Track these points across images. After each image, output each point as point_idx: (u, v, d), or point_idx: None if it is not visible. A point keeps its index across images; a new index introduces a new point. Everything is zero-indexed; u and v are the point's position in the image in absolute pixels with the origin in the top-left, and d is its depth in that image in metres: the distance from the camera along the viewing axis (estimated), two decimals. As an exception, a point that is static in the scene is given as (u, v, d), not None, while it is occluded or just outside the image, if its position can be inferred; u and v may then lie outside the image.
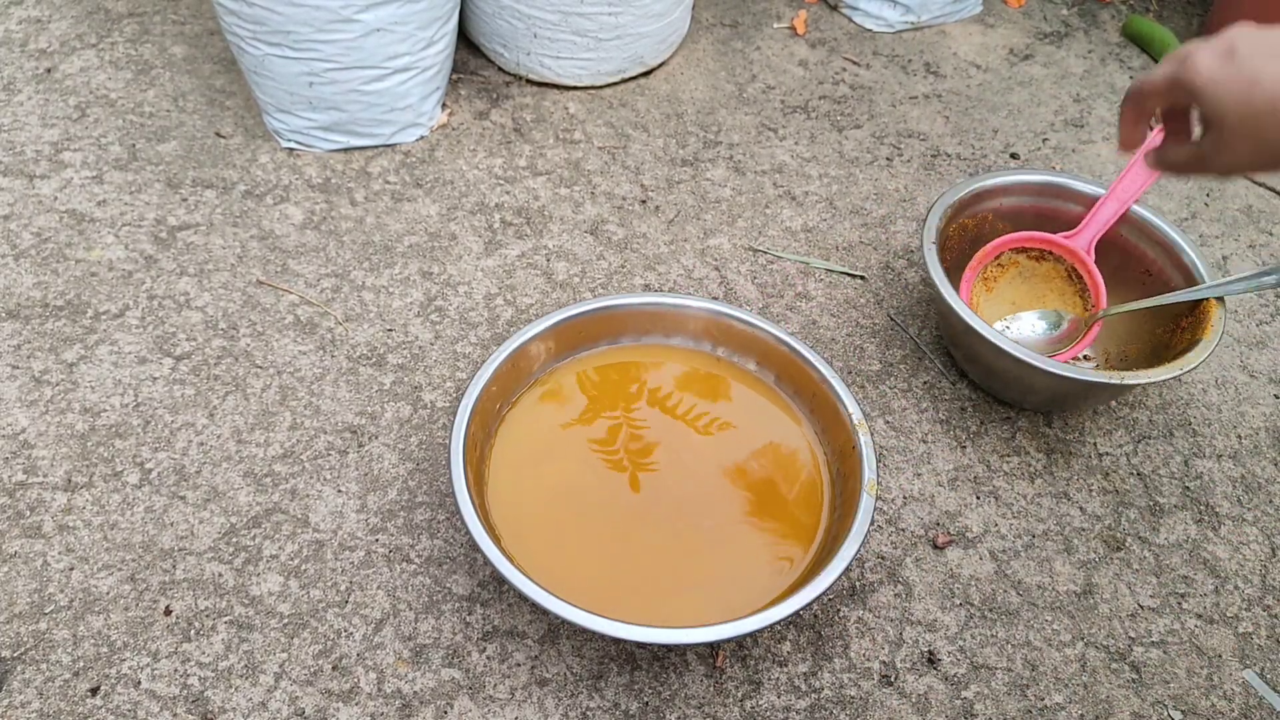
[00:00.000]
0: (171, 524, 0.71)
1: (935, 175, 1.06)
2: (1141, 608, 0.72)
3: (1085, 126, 1.14)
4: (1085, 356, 0.86)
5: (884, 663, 0.67)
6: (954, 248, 0.85)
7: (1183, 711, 0.67)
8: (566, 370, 0.74)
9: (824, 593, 0.60)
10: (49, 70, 1.07)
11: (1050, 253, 0.84)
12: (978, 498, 0.78)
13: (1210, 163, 0.48)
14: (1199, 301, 0.77)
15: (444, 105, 1.06)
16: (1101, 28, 1.31)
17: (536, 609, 0.68)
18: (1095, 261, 0.81)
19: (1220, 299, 0.76)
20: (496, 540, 0.60)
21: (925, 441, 0.81)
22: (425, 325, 0.86)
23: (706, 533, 0.66)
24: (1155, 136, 0.56)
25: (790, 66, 1.18)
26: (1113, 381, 0.72)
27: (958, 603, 0.71)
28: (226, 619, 0.66)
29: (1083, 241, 0.82)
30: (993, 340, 0.72)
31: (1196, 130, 0.50)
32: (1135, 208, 0.82)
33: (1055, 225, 0.84)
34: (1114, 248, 0.84)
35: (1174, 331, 0.80)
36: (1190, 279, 0.80)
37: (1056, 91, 1.19)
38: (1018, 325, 0.83)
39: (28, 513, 0.71)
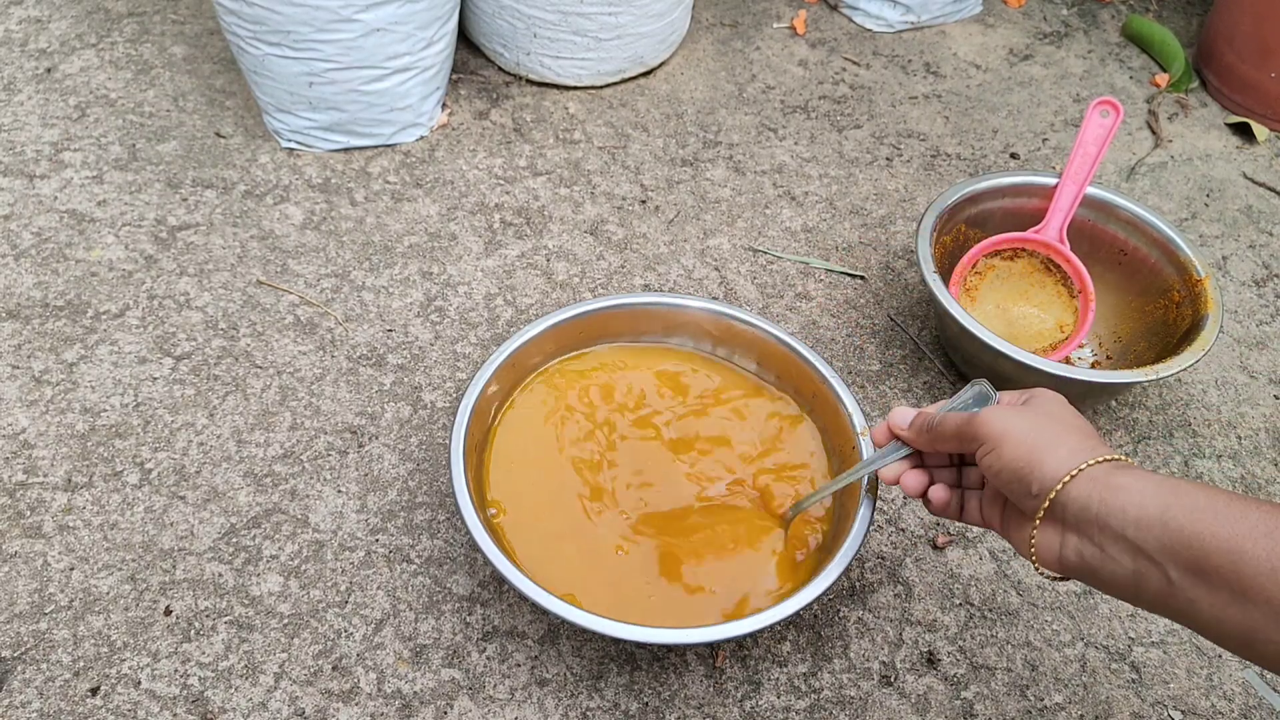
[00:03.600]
0: (171, 524, 0.71)
1: (935, 175, 1.06)
2: (1141, 608, 0.72)
3: (1085, 126, 1.14)
4: (1081, 344, 0.86)
5: (884, 663, 0.67)
6: (942, 269, 0.85)
7: (1183, 711, 0.67)
8: (566, 370, 0.74)
9: (824, 593, 0.60)
10: (49, 70, 1.07)
11: (1023, 249, 0.84)
12: (978, 498, 0.78)
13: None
14: (1189, 273, 0.80)
15: (444, 105, 1.06)
16: (1101, 28, 1.31)
17: (536, 609, 0.68)
18: (1071, 248, 0.83)
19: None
20: (496, 540, 0.60)
21: (925, 441, 0.81)
22: (425, 325, 0.86)
23: (706, 532, 0.66)
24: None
25: (790, 66, 1.18)
26: (1112, 380, 0.72)
27: (958, 603, 0.71)
28: (226, 619, 0.66)
29: (1052, 232, 0.83)
30: (991, 343, 0.73)
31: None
32: (1102, 192, 0.84)
33: (1021, 221, 0.86)
34: (1081, 234, 0.85)
35: (1167, 308, 0.81)
36: (1165, 250, 0.82)
37: (1056, 91, 1.19)
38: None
39: (28, 513, 0.71)
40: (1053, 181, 0.84)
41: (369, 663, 0.65)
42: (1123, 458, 0.48)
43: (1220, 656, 0.70)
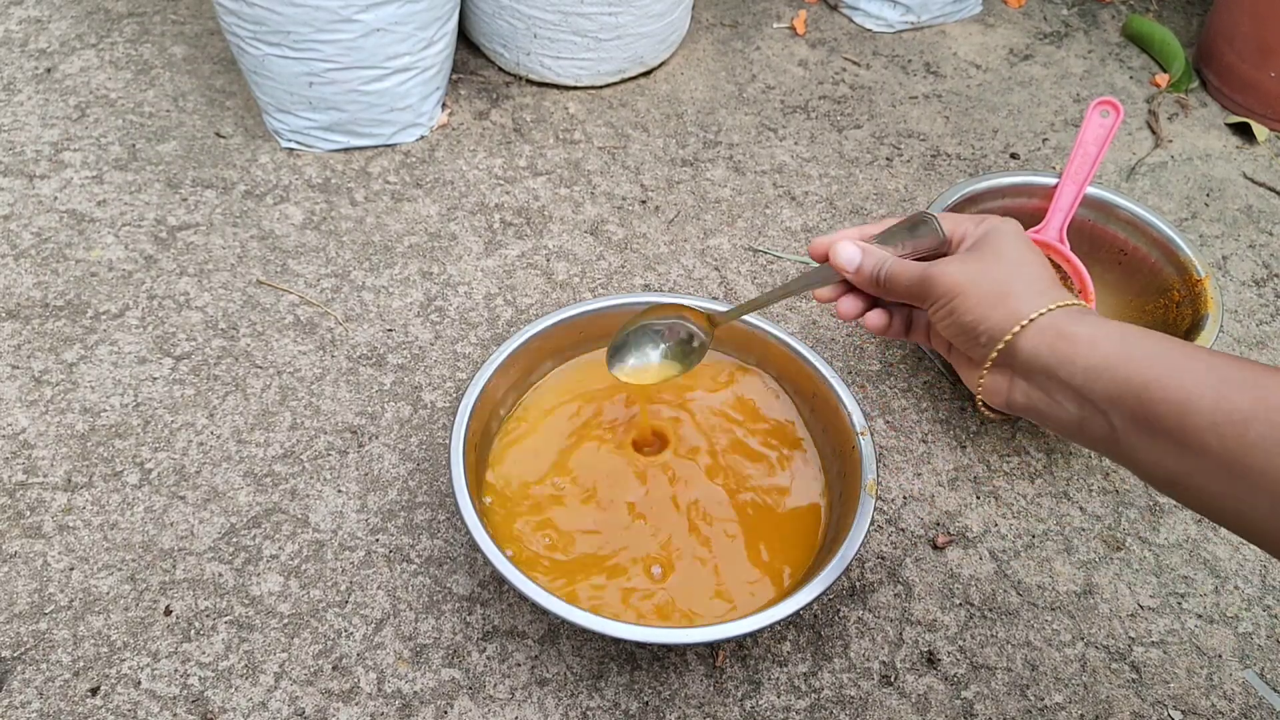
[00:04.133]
0: (171, 524, 0.71)
1: (935, 175, 1.06)
2: (1141, 608, 0.72)
3: (1085, 126, 1.14)
4: None
5: (884, 663, 0.68)
6: None
7: (1183, 711, 0.67)
8: (566, 370, 0.74)
9: (824, 593, 0.60)
10: (49, 70, 1.07)
11: None
12: (978, 498, 0.78)
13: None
14: (1189, 273, 0.80)
15: (444, 105, 1.06)
16: (1101, 28, 1.31)
17: (536, 609, 0.68)
18: (1070, 248, 0.83)
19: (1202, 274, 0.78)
20: (496, 541, 0.60)
21: (925, 441, 0.81)
22: (425, 325, 0.86)
23: (706, 533, 0.66)
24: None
25: (790, 66, 1.18)
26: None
27: (958, 603, 0.71)
28: (226, 619, 0.66)
29: (1052, 232, 0.83)
30: None
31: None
32: (1102, 192, 0.84)
33: (1021, 221, 0.85)
34: (1081, 234, 0.86)
35: (1167, 308, 0.81)
36: (1165, 250, 0.82)
37: (1056, 91, 1.19)
38: None
39: (28, 513, 0.71)
40: (1053, 181, 0.84)
41: (369, 662, 0.65)
42: (1079, 302, 0.47)
43: (1220, 656, 0.70)
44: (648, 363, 0.66)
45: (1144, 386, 0.42)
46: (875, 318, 0.54)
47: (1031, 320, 0.46)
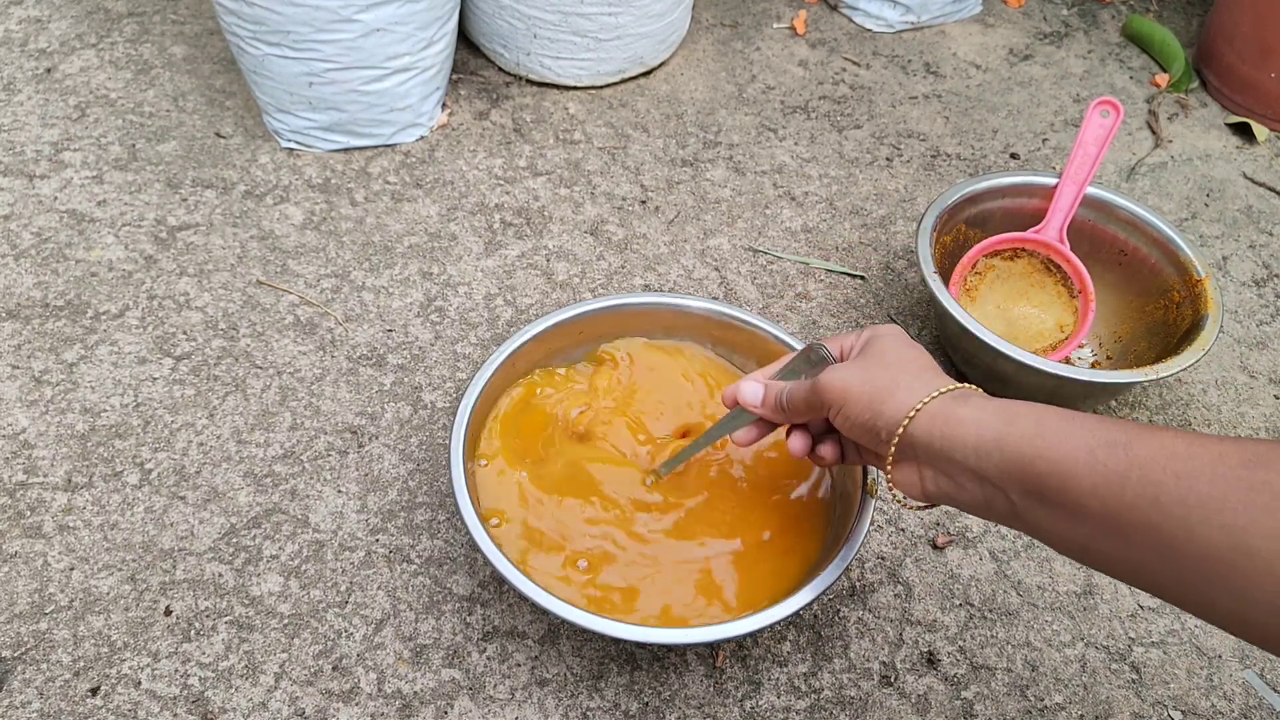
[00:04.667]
0: (171, 524, 0.71)
1: (935, 175, 1.06)
2: (1141, 608, 0.72)
3: (1085, 127, 1.14)
4: (1081, 344, 0.86)
5: (884, 663, 0.68)
6: (942, 269, 0.86)
7: (1183, 711, 0.67)
8: (566, 370, 0.74)
9: (824, 593, 0.60)
10: (49, 70, 1.07)
11: (1023, 249, 0.84)
12: (978, 498, 0.78)
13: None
14: (1189, 273, 0.80)
15: (444, 105, 1.06)
16: (1101, 28, 1.31)
17: (536, 609, 0.68)
18: (1070, 248, 0.83)
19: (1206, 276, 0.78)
20: (496, 541, 0.60)
21: (925, 442, 0.81)
22: (425, 325, 0.86)
23: (706, 533, 0.66)
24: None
25: (790, 66, 1.18)
26: (1112, 380, 0.72)
27: (958, 603, 0.71)
28: (227, 619, 0.66)
29: (1052, 232, 0.83)
30: (990, 343, 0.73)
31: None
32: (1102, 192, 0.84)
33: (1021, 221, 0.86)
34: (1081, 234, 0.85)
35: (1167, 308, 0.81)
36: (1165, 250, 0.82)
37: (1056, 91, 1.19)
38: None
39: (28, 513, 0.71)
40: (1053, 181, 0.84)
41: (369, 663, 0.65)
42: (962, 386, 0.49)
43: (1220, 656, 0.70)
44: None
45: (1029, 460, 0.43)
46: (828, 450, 0.58)
47: (918, 410, 0.48)
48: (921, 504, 0.51)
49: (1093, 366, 0.86)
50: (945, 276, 0.82)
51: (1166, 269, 0.82)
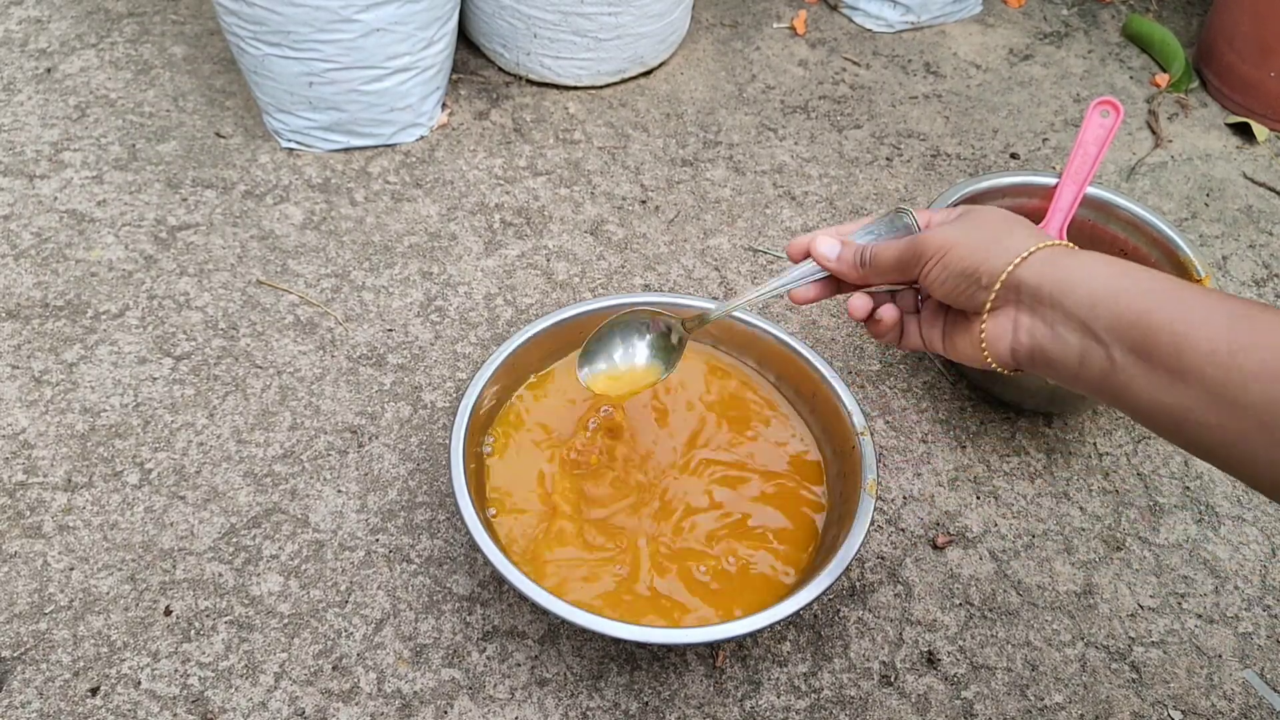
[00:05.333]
0: (171, 524, 0.71)
1: (935, 175, 1.06)
2: (1141, 608, 0.72)
3: (1085, 126, 1.14)
4: None
5: (884, 663, 0.67)
6: None
7: (1183, 711, 0.67)
8: (566, 370, 0.74)
9: (824, 593, 0.60)
10: (49, 70, 1.07)
11: None
12: (978, 498, 0.78)
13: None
14: (1188, 273, 0.80)
15: (444, 105, 1.06)
16: (1101, 28, 1.31)
17: (536, 609, 0.68)
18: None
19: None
20: (496, 540, 0.60)
21: (925, 441, 0.81)
22: (425, 325, 0.86)
23: (706, 532, 0.66)
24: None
25: (790, 66, 1.18)
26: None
27: (958, 603, 0.71)
28: (226, 619, 0.66)
29: (1052, 232, 0.83)
30: None
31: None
32: (1102, 192, 0.84)
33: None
34: (1081, 234, 0.85)
35: None
36: (1165, 250, 0.82)
37: (1056, 91, 1.19)
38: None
39: (28, 513, 0.71)
40: (1053, 181, 0.84)
41: (369, 662, 0.65)
42: (1070, 245, 0.48)
43: (1220, 656, 0.70)
44: (626, 365, 0.64)
45: (1143, 314, 0.42)
46: (888, 312, 0.55)
47: (1031, 253, 0.47)
48: (1004, 366, 0.50)
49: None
50: None
51: (1166, 269, 0.82)
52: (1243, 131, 1.16)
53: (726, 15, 1.25)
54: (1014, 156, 1.09)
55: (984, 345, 0.49)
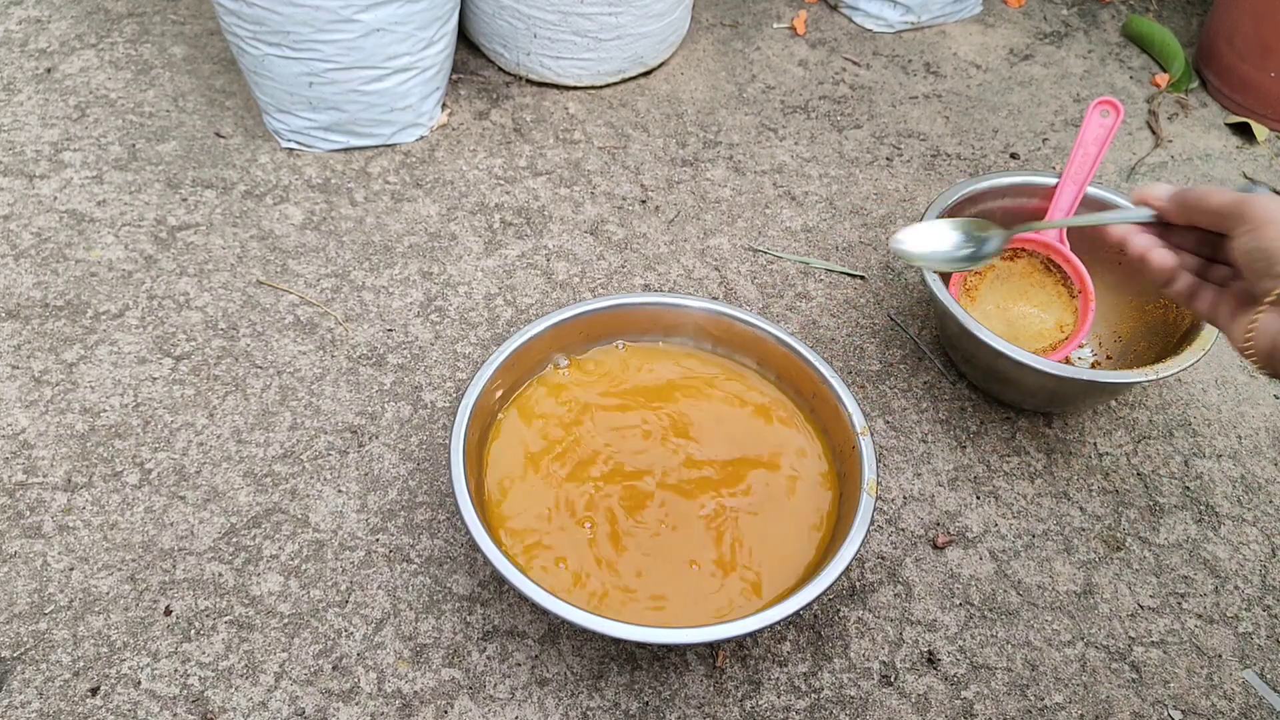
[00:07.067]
0: (171, 524, 0.71)
1: (935, 175, 1.06)
2: (1141, 608, 0.72)
3: (1085, 126, 1.14)
4: (1081, 344, 0.86)
5: (884, 663, 0.67)
6: None
7: (1183, 711, 0.67)
8: (566, 370, 0.74)
9: (824, 593, 0.60)
10: (49, 70, 1.07)
11: (1023, 249, 0.84)
12: (978, 498, 0.78)
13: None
14: None
15: (444, 105, 1.06)
16: (1101, 28, 1.31)
17: (536, 609, 0.68)
18: (1071, 249, 0.83)
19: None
20: (496, 540, 0.60)
21: (925, 441, 0.81)
22: (425, 325, 0.86)
23: (706, 532, 0.66)
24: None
25: (790, 66, 1.18)
26: (1112, 380, 0.72)
27: (958, 603, 0.71)
28: (226, 619, 0.66)
29: (1052, 232, 0.83)
30: (990, 342, 0.73)
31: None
32: (1102, 192, 0.84)
33: (1021, 221, 0.86)
34: (1082, 234, 0.85)
35: (1167, 308, 0.81)
36: None
37: (1056, 91, 1.19)
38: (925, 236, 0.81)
39: (28, 513, 0.71)
40: (1053, 181, 0.84)
41: (369, 662, 0.65)
42: None
43: (1220, 656, 0.70)
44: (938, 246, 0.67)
45: None
46: (1168, 259, 0.56)
47: None
48: (1260, 362, 0.51)
49: (1093, 366, 0.86)
50: (945, 276, 0.82)
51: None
52: (1243, 131, 1.16)
53: (726, 15, 1.25)
54: (1014, 156, 1.09)
55: (1251, 335, 0.50)
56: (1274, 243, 0.49)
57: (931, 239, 0.66)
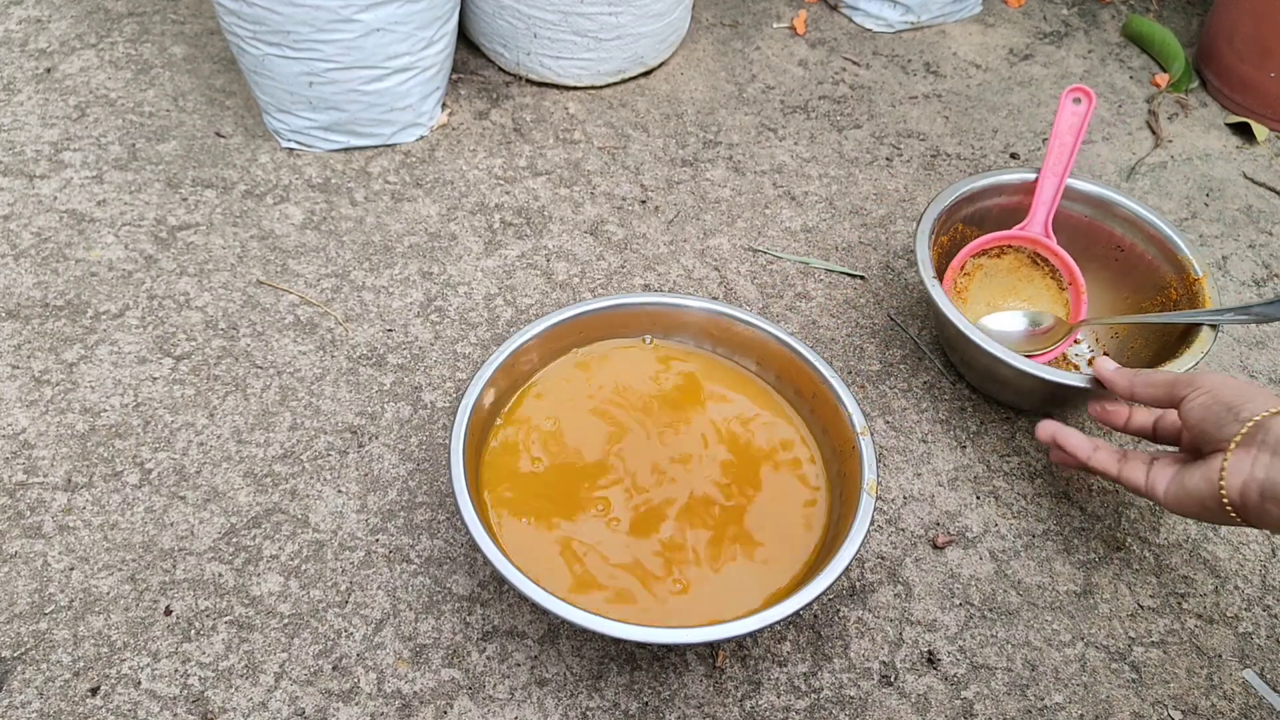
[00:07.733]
0: (171, 524, 0.71)
1: (935, 175, 1.06)
2: (1141, 608, 0.72)
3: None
4: (1077, 340, 0.86)
5: (884, 663, 0.68)
6: (940, 269, 0.85)
7: (1183, 711, 0.67)
8: (566, 370, 0.74)
9: (824, 593, 0.60)
10: (49, 70, 1.07)
11: (1010, 245, 0.84)
12: (978, 498, 0.78)
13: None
14: (1186, 271, 0.80)
15: (444, 105, 1.06)
16: (1101, 28, 1.31)
17: (536, 609, 0.68)
18: (1062, 243, 0.83)
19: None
20: (496, 540, 0.60)
21: (925, 441, 0.81)
22: (425, 325, 0.86)
23: (706, 532, 0.66)
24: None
25: (790, 66, 1.18)
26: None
27: (958, 603, 0.71)
28: (226, 619, 0.66)
29: (1036, 226, 0.83)
30: (987, 347, 0.73)
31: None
32: (1100, 190, 0.84)
33: (1017, 218, 0.86)
34: (1078, 231, 0.85)
35: (1164, 305, 0.81)
36: (1163, 248, 0.82)
37: (1056, 91, 1.19)
38: (997, 320, 0.84)
39: (28, 513, 0.71)
40: (1026, 177, 0.84)
41: (369, 662, 0.65)
42: None
43: (1220, 656, 0.70)
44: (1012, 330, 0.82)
45: None
46: (1143, 416, 0.69)
47: None
48: (1233, 502, 0.55)
49: (1090, 364, 0.86)
50: (942, 276, 0.82)
51: (1163, 266, 0.82)
52: (1243, 131, 1.16)
53: (726, 15, 1.25)
54: (1014, 156, 1.10)
55: (1223, 478, 0.55)
56: (1230, 395, 0.57)
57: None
